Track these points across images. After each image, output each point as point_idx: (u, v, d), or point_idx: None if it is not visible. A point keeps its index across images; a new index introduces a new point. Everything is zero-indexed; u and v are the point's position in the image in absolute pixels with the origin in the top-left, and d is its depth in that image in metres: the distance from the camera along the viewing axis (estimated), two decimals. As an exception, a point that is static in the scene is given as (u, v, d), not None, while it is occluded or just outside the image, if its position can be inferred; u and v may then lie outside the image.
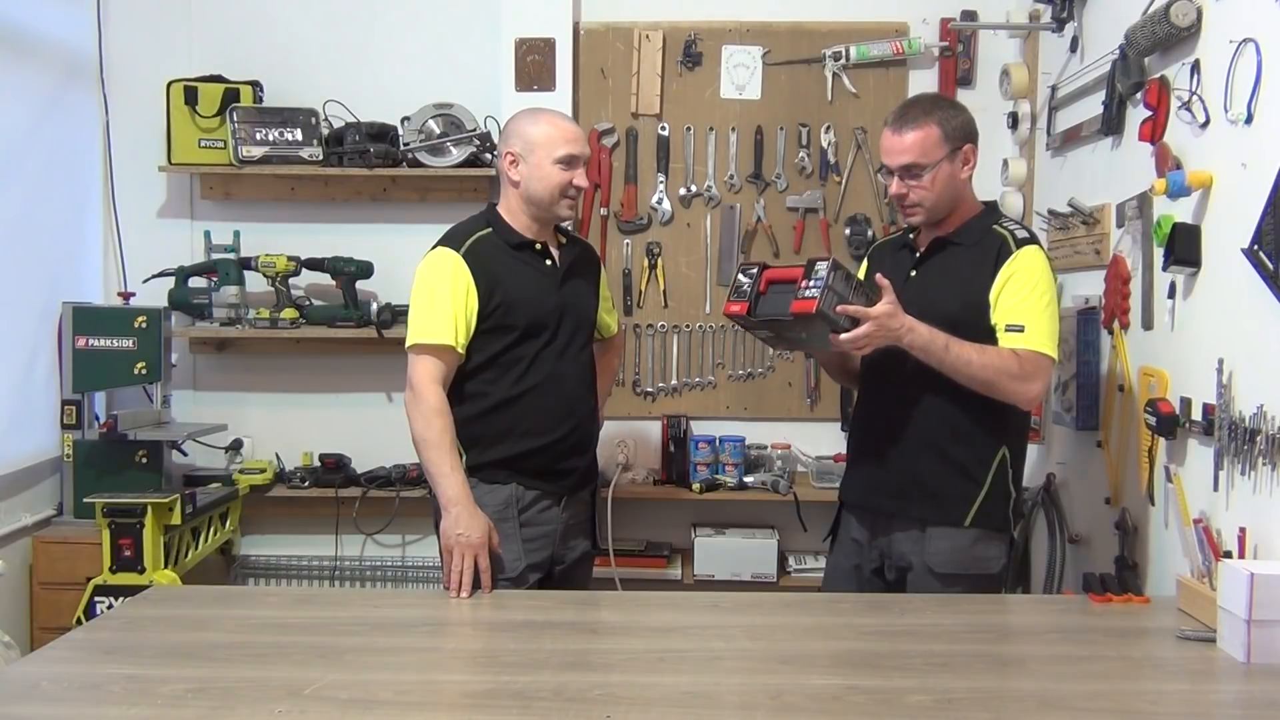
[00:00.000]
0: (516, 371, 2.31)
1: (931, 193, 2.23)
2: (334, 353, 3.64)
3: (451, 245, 2.32)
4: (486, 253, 2.31)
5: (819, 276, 2.05)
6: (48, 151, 3.38)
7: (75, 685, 1.63)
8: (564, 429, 2.35)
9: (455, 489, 2.19)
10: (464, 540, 2.15)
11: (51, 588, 3.13)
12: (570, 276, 2.41)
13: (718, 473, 3.50)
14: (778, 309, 2.12)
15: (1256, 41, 1.98)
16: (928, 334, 2.10)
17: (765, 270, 2.17)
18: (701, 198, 3.57)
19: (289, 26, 3.62)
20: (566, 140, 2.32)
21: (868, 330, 2.06)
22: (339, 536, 3.61)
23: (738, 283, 2.20)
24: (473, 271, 2.28)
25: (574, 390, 2.39)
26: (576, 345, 2.40)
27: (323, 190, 3.62)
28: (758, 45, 3.53)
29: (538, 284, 2.35)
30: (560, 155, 2.30)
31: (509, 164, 2.34)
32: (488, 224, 2.37)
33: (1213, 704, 1.65)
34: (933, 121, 2.22)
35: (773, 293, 2.15)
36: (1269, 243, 1.91)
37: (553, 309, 2.35)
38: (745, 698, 1.59)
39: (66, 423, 3.32)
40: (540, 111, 2.42)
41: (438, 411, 2.23)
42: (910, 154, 2.21)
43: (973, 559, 2.23)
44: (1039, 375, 2.15)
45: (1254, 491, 1.95)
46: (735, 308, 2.18)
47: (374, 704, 1.55)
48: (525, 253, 2.36)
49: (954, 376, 2.13)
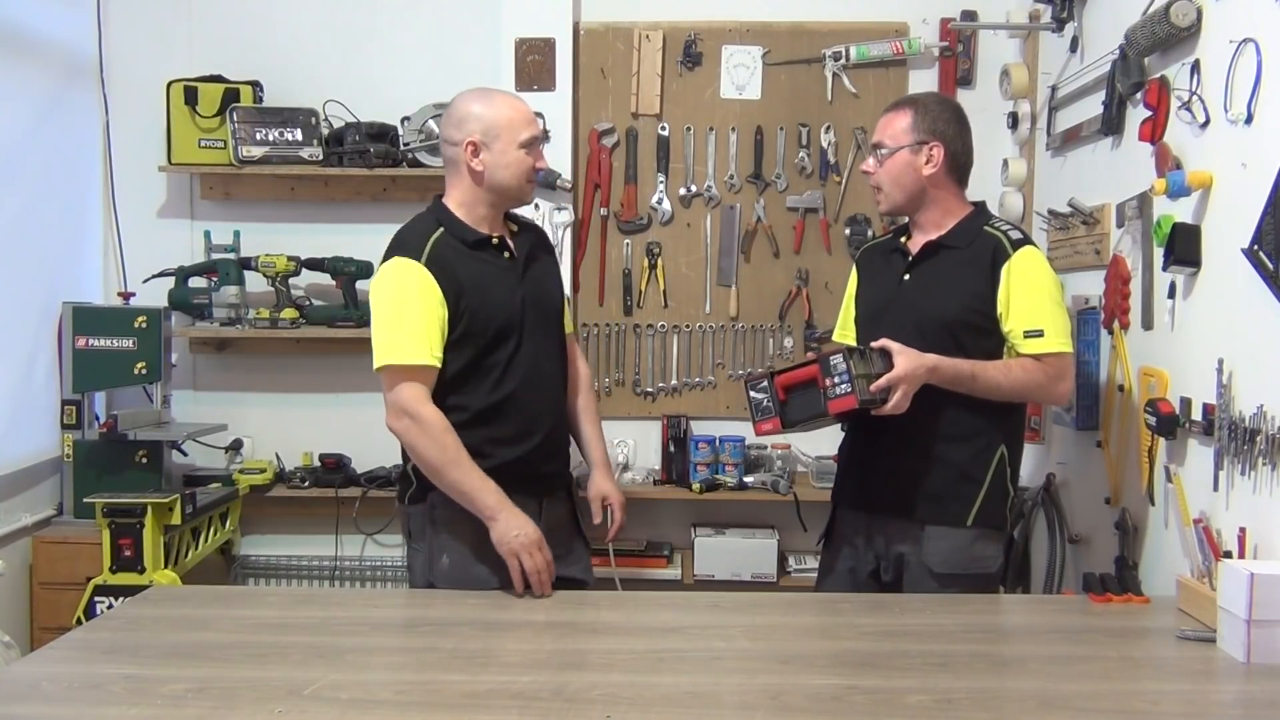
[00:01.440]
0: (491, 379, 2.19)
1: (885, 177, 2.29)
2: (334, 353, 3.64)
3: (409, 254, 2.14)
4: (446, 257, 2.15)
5: (841, 371, 2.08)
6: (48, 151, 3.38)
7: (75, 685, 1.62)
8: (543, 432, 2.25)
9: (493, 498, 2.10)
10: (522, 539, 2.07)
11: (51, 588, 3.14)
12: (529, 266, 2.28)
13: (718, 473, 3.50)
14: (811, 411, 2.15)
15: (1256, 41, 1.98)
16: (952, 368, 2.13)
17: (775, 378, 2.19)
18: (701, 198, 3.57)
19: (289, 26, 3.62)
20: (528, 122, 2.21)
21: (903, 392, 2.08)
22: (339, 536, 3.61)
23: (755, 400, 2.21)
24: (439, 281, 2.12)
25: (550, 389, 2.30)
26: (545, 339, 2.28)
27: (323, 190, 3.62)
28: (758, 45, 3.53)
29: (500, 283, 2.21)
30: (525, 139, 2.18)
31: (470, 153, 2.17)
32: (438, 223, 2.20)
33: (1213, 704, 1.65)
34: (910, 109, 2.28)
35: (795, 398, 2.18)
36: (1269, 243, 1.91)
37: (517, 306, 2.21)
38: (745, 698, 1.59)
39: (66, 423, 3.33)
40: (492, 92, 2.28)
41: (446, 429, 2.11)
42: (878, 133, 2.32)
43: (971, 558, 2.23)
44: (1065, 374, 2.23)
45: (1254, 491, 1.94)
46: (768, 426, 2.21)
47: (374, 704, 1.55)
48: (484, 251, 2.21)
49: (985, 398, 2.17)
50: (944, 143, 2.26)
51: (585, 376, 2.49)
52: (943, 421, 2.22)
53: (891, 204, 2.32)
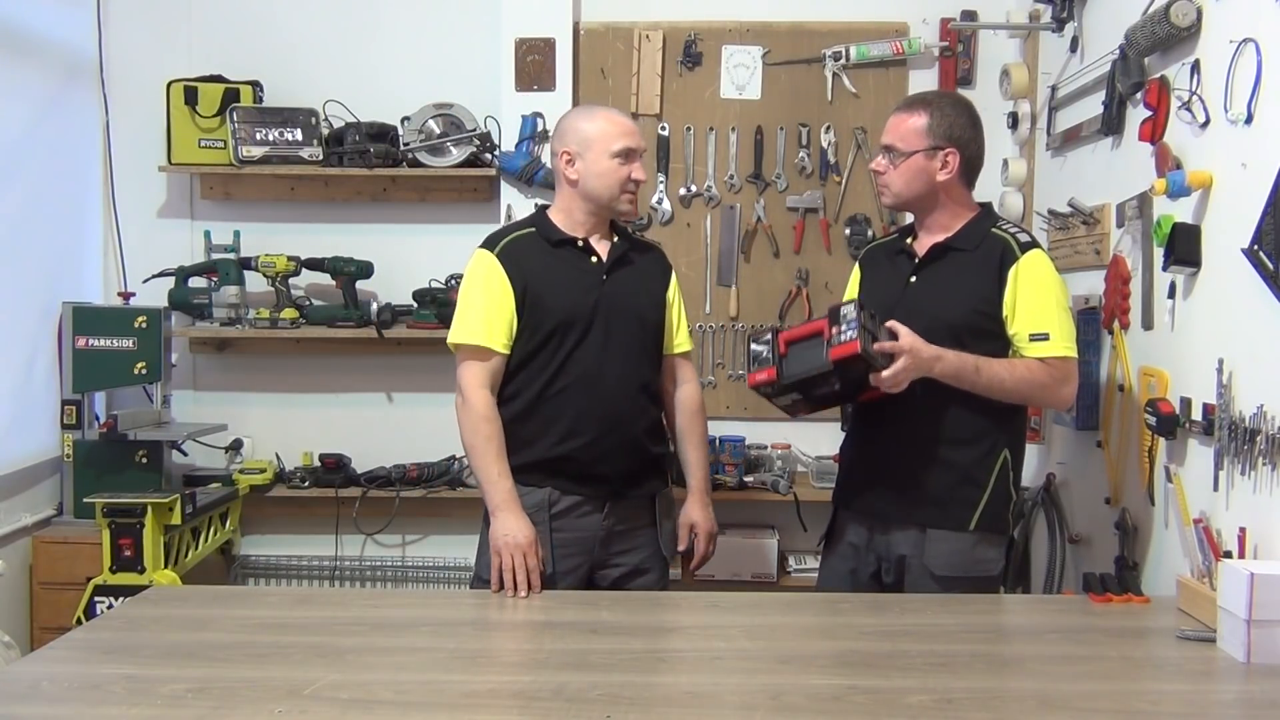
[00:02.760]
0: (550, 371, 2.26)
1: (897, 180, 2.25)
2: (334, 353, 3.64)
3: (487, 245, 2.31)
4: (522, 250, 2.29)
5: (850, 319, 2.03)
6: (48, 151, 3.38)
7: (75, 685, 1.62)
8: (600, 430, 2.25)
9: (501, 494, 2.18)
10: (510, 540, 2.13)
11: (51, 588, 3.14)
12: (618, 273, 2.33)
13: (718, 473, 3.49)
14: (809, 365, 2.09)
15: (1256, 41, 1.98)
16: (956, 360, 2.11)
17: (779, 334, 2.16)
18: (701, 198, 3.57)
19: (289, 26, 3.62)
20: (623, 134, 2.28)
21: (904, 364, 2.05)
22: (339, 536, 3.61)
23: (754, 352, 2.18)
24: (506, 270, 2.25)
25: (614, 390, 2.27)
26: (621, 343, 2.29)
27: (323, 190, 3.62)
28: (758, 45, 3.53)
29: (574, 279, 2.28)
30: (617, 149, 2.26)
31: (564, 163, 2.29)
32: (532, 225, 2.35)
33: (1213, 704, 1.65)
34: (926, 112, 2.24)
35: (795, 352, 2.13)
36: (1269, 243, 1.91)
37: (589, 305, 2.27)
38: (745, 698, 1.59)
39: (66, 423, 3.32)
40: (594, 108, 2.42)
41: (485, 418, 2.21)
42: (891, 135, 2.27)
43: (973, 561, 2.22)
44: (1070, 379, 2.20)
45: (1254, 491, 1.94)
46: (762, 375, 2.15)
47: (374, 704, 1.55)
48: (565, 249, 2.31)
49: (987, 395, 2.15)
50: (959, 148, 2.22)
51: (693, 400, 2.48)
52: (947, 423, 2.21)
53: (898, 201, 2.30)
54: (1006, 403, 2.19)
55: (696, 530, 2.44)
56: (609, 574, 2.33)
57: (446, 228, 3.57)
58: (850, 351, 2.01)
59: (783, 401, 2.23)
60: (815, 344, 2.08)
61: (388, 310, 3.45)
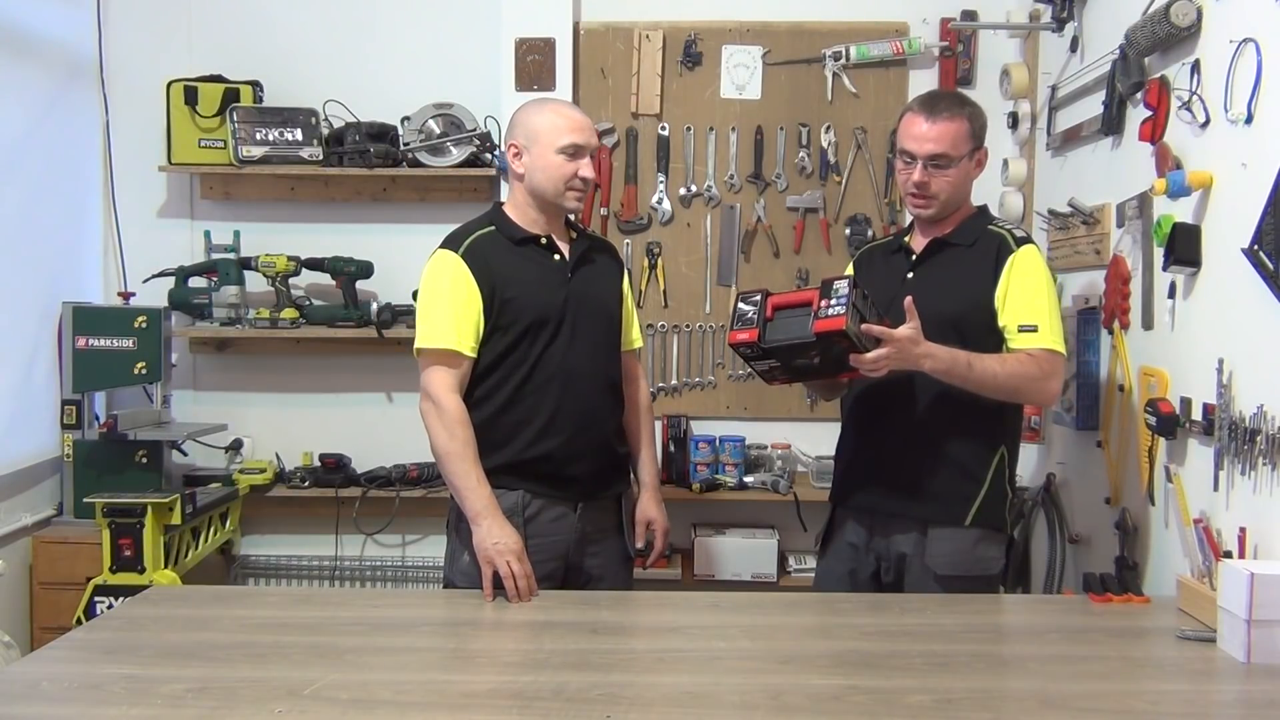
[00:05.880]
0: (522, 371, 2.22)
1: (948, 187, 2.24)
2: (334, 353, 3.64)
3: (450, 246, 2.25)
4: (487, 250, 2.23)
5: (841, 295, 2.00)
6: (48, 151, 3.38)
7: (75, 685, 1.63)
8: (570, 433, 2.24)
9: (481, 501, 2.12)
10: (501, 548, 2.08)
11: (51, 588, 3.13)
12: (581, 270, 2.30)
13: (718, 473, 3.50)
14: (793, 333, 2.05)
15: (1256, 41, 1.98)
16: (948, 357, 2.08)
17: (769, 297, 2.12)
18: (701, 198, 3.57)
19: (289, 26, 3.62)
20: (571, 129, 2.21)
21: (888, 352, 2.02)
22: (339, 536, 3.61)
23: (740, 311, 2.12)
24: (472, 270, 2.19)
25: (586, 389, 2.26)
26: (589, 341, 2.28)
27: (323, 190, 3.62)
28: (758, 45, 3.53)
29: (541, 278, 2.25)
30: (563, 145, 2.19)
31: (512, 156, 2.25)
32: (490, 222, 2.29)
33: (1213, 704, 1.65)
34: (965, 116, 2.24)
35: (781, 318, 2.08)
36: (1269, 243, 1.91)
37: (559, 303, 2.23)
38: (745, 698, 1.59)
39: (66, 423, 3.32)
40: (545, 100, 2.34)
41: (460, 422, 2.15)
42: (942, 144, 2.21)
43: (974, 560, 2.23)
44: (1057, 373, 2.20)
45: (1254, 491, 1.94)
46: (744, 335, 2.09)
47: (374, 704, 1.55)
48: (529, 247, 2.26)
49: (979, 391, 2.13)
50: (983, 145, 2.29)
51: (644, 397, 2.50)
52: (945, 419, 2.21)
53: (944, 210, 2.27)
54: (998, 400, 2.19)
55: (653, 527, 2.44)
56: (582, 575, 2.31)
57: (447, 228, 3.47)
58: (834, 327, 1.98)
59: (760, 366, 2.18)
60: (802, 313, 2.05)
61: (388, 310, 3.45)
